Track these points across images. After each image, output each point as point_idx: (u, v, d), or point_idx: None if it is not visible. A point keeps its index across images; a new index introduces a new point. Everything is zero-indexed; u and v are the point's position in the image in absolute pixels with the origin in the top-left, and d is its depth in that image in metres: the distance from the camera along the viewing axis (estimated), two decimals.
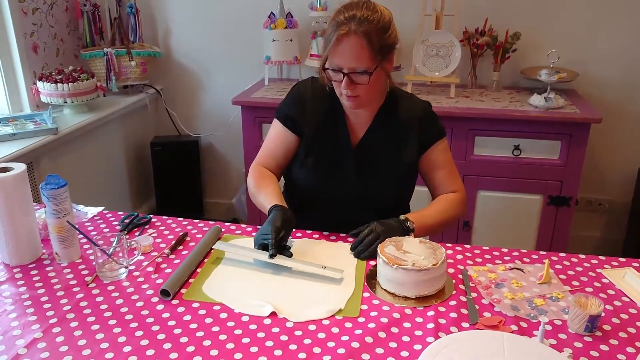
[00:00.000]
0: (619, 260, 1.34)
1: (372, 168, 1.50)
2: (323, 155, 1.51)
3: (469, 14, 2.64)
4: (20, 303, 1.15)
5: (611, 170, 2.81)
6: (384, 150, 1.49)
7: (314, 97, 1.51)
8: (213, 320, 1.09)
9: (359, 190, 1.50)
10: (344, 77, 1.35)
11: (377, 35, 1.33)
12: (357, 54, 1.33)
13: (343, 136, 1.50)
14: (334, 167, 1.51)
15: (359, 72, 1.35)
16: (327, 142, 1.51)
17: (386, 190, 1.51)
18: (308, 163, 1.52)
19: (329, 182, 1.51)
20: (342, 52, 1.34)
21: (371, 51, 1.33)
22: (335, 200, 1.51)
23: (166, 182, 3.08)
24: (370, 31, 1.32)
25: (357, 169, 1.50)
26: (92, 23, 2.85)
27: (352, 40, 1.32)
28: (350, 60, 1.34)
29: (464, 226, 2.53)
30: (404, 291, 1.17)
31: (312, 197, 1.55)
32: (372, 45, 1.32)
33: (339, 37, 1.32)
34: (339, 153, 1.51)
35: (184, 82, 3.16)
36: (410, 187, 1.60)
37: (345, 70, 1.35)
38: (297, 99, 1.53)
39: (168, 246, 1.38)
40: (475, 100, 2.51)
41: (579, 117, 2.28)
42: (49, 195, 1.25)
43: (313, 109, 1.51)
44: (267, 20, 2.74)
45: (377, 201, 1.49)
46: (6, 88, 2.47)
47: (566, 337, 1.05)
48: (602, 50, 2.63)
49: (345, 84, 1.36)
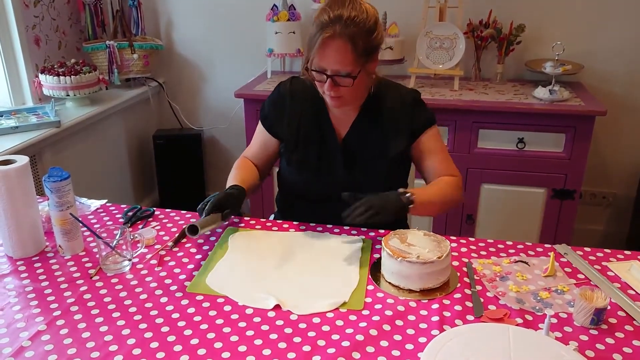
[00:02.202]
0: (625, 253, 1.33)
1: (360, 161, 1.49)
2: (309, 152, 1.51)
3: (473, 6, 2.62)
4: (24, 296, 1.15)
5: (615, 163, 2.80)
6: (371, 143, 1.49)
7: (294, 98, 1.52)
8: (217, 312, 1.09)
9: (348, 184, 1.48)
10: (328, 79, 1.35)
11: (362, 39, 1.31)
12: (341, 58, 1.32)
13: (328, 132, 1.50)
14: (321, 163, 1.51)
15: (343, 75, 1.34)
16: (312, 139, 1.51)
17: (375, 182, 1.49)
18: (294, 162, 1.52)
19: (317, 178, 1.51)
20: (326, 55, 1.32)
21: (356, 55, 1.31)
22: (325, 196, 1.50)
23: (169, 175, 3.08)
24: (355, 34, 1.30)
25: (345, 164, 1.49)
26: (94, 16, 2.84)
27: (337, 44, 1.30)
28: (334, 63, 1.33)
29: (467, 219, 2.52)
30: (408, 284, 1.17)
31: (302, 194, 1.56)
32: (356, 48, 1.31)
33: (323, 40, 1.30)
34: (326, 149, 1.50)
35: (186, 75, 3.15)
36: (402, 177, 1.59)
37: (329, 73, 1.34)
38: (276, 100, 1.55)
39: (171, 239, 1.38)
40: (479, 92, 2.50)
41: (584, 110, 2.27)
42: (52, 188, 1.25)
43: (293, 110, 1.52)
44: (269, 12, 2.72)
45: (367, 193, 1.45)
46: (8, 81, 2.46)
47: (572, 330, 1.05)
48: (608, 43, 2.61)
49: (328, 85, 1.35)
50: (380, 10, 2.62)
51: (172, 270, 1.25)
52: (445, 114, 2.35)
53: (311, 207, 1.53)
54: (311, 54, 1.34)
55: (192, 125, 3.19)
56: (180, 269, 1.26)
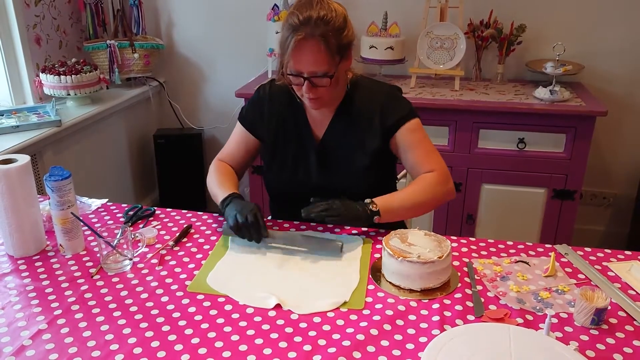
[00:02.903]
0: (625, 253, 1.33)
1: (334, 162, 1.50)
2: (287, 154, 1.52)
3: (474, 6, 2.62)
4: (24, 294, 1.15)
5: (616, 163, 2.79)
6: (346, 143, 1.49)
7: (272, 100, 1.53)
8: (218, 312, 1.09)
9: (323, 185, 1.49)
10: (305, 82, 1.35)
11: (334, 37, 1.32)
12: (315, 59, 1.32)
13: (305, 134, 1.51)
14: (298, 165, 1.51)
15: (320, 76, 1.34)
16: (290, 141, 1.52)
17: (350, 182, 1.49)
18: (274, 163, 1.54)
19: (294, 179, 1.52)
20: (300, 58, 1.32)
21: (330, 54, 1.32)
22: (302, 197, 1.50)
23: (169, 174, 3.08)
24: (326, 33, 1.30)
25: (319, 165, 1.50)
26: (95, 15, 2.84)
27: (310, 45, 1.30)
28: (309, 64, 1.33)
29: (467, 219, 2.52)
30: (409, 284, 1.17)
31: (282, 194, 1.58)
32: (330, 47, 1.31)
33: (296, 42, 1.30)
34: (303, 150, 1.51)
35: (187, 75, 3.15)
36: (386, 174, 1.58)
37: (306, 75, 1.34)
38: (255, 103, 1.56)
39: (172, 238, 1.38)
40: (480, 93, 2.50)
41: (584, 110, 2.27)
42: (53, 187, 1.25)
43: (271, 112, 1.53)
44: (270, 12, 2.72)
45: (343, 193, 1.43)
46: (9, 80, 2.46)
47: (572, 330, 1.05)
48: (609, 43, 2.61)
49: (306, 88, 1.36)
50: (380, 10, 2.65)
51: (173, 269, 1.25)
52: (445, 114, 2.35)
53: (292, 209, 1.53)
54: (285, 58, 1.34)
55: (192, 125, 3.19)
56: (181, 268, 1.26)
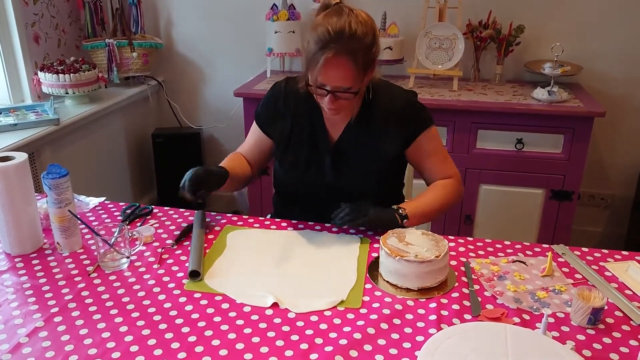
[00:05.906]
0: (622, 253, 1.33)
1: (349, 165, 1.49)
2: (300, 153, 1.51)
3: (473, 7, 2.62)
4: (21, 292, 1.15)
5: (614, 164, 2.80)
6: (362, 147, 1.47)
7: (287, 99, 1.52)
8: (215, 310, 1.09)
9: (335, 186, 1.49)
10: (328, 94, 1.34)
11: (363, 54, 1.30)
12: (342, 75, 1.30)
13: (320, 134, 1.50)
14: (311, 165, 1.50)
15: (343, 91, 1.33)
16: (304, 140, 1.50)
17: (363, 186, 1.49)
18: (285, 160, 1.53)
19: (306, 178, 1.51)
20: (327, 72, 1.30)
21: (357, 71, 1.30)
22: (314, 197, 1.49)
23: (167, 174, 3.07)
24: (356, 51, 1.28)
25: (334, 166, 1.49)
26: (93, 14, 2.84)
27: (338, 61, 1.28)
28: (335, 80, 1.31)
29: (465, 220, 2.53)
30: (406, 283, 1.17)
31: (293, 193, 1.57)
32: (357, 65, 1.30)
33: (326, 60, 1.27)
34: (317, 151, 1.50)
35: (185, 74, 3.15)
36: (397, 179, 1.60)
37: (329, 88, 1.33)
38: (270, 100, 1.56)
39: (173, 239, 1.38)
40: (478, 93, 2.50)
41: (583, 111, 2.27)
42: (51, 185, 1.24)
43: (286, 111, 1.51)
44: (269, 11, 2.72)
45: (355, 196, 1.43)
46: (7, 78, 2.46)
47: (569, 330, 1.05)
48: (607, 44, 2.61)
49: (328, 100, 1.35)
50: (380, 10, 2.65)
51: (170, 267, 1.25)
52: (444, 114, 2.35)
53: (300, 207, 1.53)
54: (312, 72, 1.31)
55: (191, 124, 3.19)
56: (178, 266, 1.26)
